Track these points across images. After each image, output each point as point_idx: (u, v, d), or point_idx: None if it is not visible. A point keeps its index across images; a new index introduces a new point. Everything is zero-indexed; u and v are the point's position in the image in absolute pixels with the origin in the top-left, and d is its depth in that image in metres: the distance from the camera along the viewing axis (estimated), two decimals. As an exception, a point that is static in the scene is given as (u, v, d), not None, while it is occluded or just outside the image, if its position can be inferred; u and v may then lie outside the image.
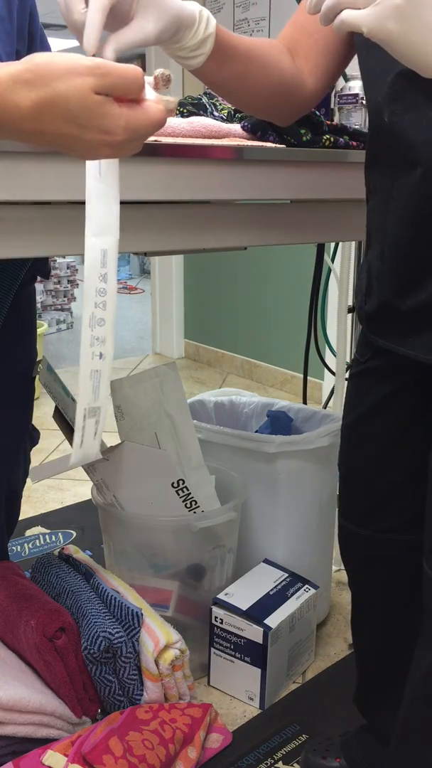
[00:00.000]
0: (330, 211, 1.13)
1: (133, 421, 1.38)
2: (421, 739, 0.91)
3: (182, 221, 0.97)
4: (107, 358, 0.60)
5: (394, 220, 0.83)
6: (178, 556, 1.39)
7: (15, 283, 1.23)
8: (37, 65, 0.56)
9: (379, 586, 1.07)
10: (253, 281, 3.42)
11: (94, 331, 0.59)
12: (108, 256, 0.61)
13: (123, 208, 0.66)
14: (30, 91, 0.56)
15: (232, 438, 1.47)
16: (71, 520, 2.10)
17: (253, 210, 1.05)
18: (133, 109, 0.60)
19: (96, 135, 0.58)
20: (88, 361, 0.59)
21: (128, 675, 1.23)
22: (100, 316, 0.60)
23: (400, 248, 0.83)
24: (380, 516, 1.02)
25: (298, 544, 1.52)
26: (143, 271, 7.09)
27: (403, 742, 0.94)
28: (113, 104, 0.58)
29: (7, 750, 1.16)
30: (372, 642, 1.12)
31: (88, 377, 0.59)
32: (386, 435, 0.99)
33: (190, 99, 1.12)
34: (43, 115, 0.56)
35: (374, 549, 1.04)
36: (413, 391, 0.94)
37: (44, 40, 1.24)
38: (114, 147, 0.60)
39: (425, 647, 0.89)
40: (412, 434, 0.96)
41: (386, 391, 0.97)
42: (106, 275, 0.61)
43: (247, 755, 1.26)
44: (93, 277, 0.61)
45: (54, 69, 0.56)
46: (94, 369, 0.60)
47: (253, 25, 2.95)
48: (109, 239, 0.62)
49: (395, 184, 0.82)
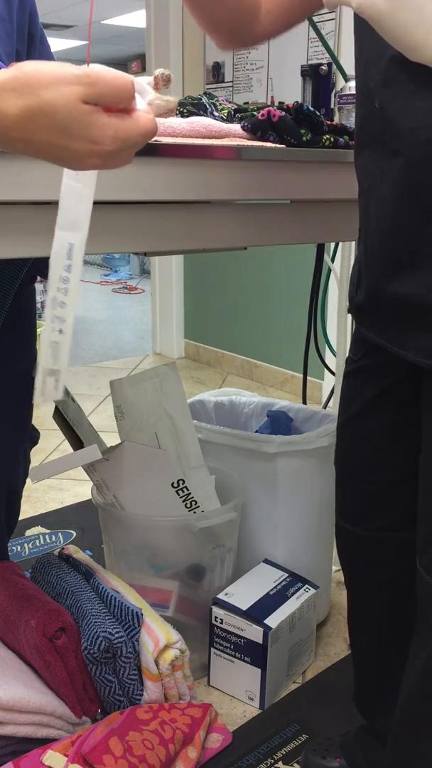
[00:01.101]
0: (330, 211, 1.13)
1: (133, 421, 1.38)
2: (417, 737, 0.91)
3: (182, 221, 0.97)
4: (66, 333, 0.67)
5: (376, 211, 0.83)
6: (178, 556, 1.39)
7: (15, 283, 1.23)
8: (25, 73, 0.56)
9: (374, 584, 1.08)
10: (253, 281, 3.42)
11: (55, 311, 0.66)
12: (74, 250, 0.65)
13: (123, 208, 0.66)
14: (17, 99, 0.55)
15: (232, 438, 1.47)
16: (71, 520, 2.10)
17: (253, 210, 1.05)
18: (123, 118, 0.59)
19: (84, 144, 0.58)
20: (48, 334, 0.68)
21: (128, 675, 1.23)
22: (61, 299, 0.66)
23: (382, 239, 0.83)
24: (374, 515, 1.03)
25: (298, 544, 1.52)
26: (143, 271, 7.09)
27: (400, 741, 0.94)
28: (101, 113, 0.57)
29: (7, 750, 1.16)
30: (368, 641, 1.12)
31: (48, 346, 0.68)
32: (378, 434, 0.99)
33: (190, 99, 1.12)
34: (30, 123, 0.56)
35: (369, 547, 1.05)
36: (404, 390, 0.94)
37: (44, 40, 1.24)
38: (102, 157, 0.59)
39: (420, 645, 0.89)
40: (404, 433, 0.96)
41: (378, 390, 0.97)
42: (70, 266, 0.65)
43: (247, 755, 1.26)
44: (58, 266, 0.65)
45: (42, 77, 0.56)
46: (53, 341, 0.68)
47: (253, 25, 2.95)
48: (77, 235, 0.65)
49: (378, 174, 0.81)
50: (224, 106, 1.12)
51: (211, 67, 3.24)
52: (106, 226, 0.89)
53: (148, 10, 3.49)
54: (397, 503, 1.00)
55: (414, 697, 0.90)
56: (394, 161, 0.77)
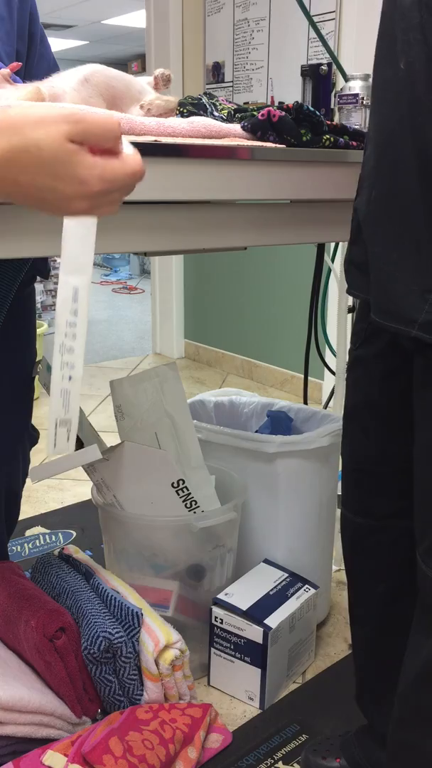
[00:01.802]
0: (330, 211, 1.13)
1: (133, 421, 1.38)
2: (420, 724, 0.92)
3: (182, 221, 0.97)
4: (76, 379, 0.66)
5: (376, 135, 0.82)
6: (178, 556, 1.39)
7: (15, 283, 1.23)
8: (10, 116, 0.55)
9: (374, 573, 1.09)
10: (253, 281, 3.42)
11: (63, 357, 0.65)
12: (79, 293, 0.65)
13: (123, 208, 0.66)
14: (1, 137, 0.54)
15: (232, 438, 1.47)
16: (71, 520, 2.10)
17: (253, 210, 1.05)
18: (110, 159, 0.58)
19: (70, 185, 0.56)
20: (58, 382, 0.66)
21: (128, 675, 1.23)
22: (69, 345, 0.65)
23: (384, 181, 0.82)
24: (375, 503, 1.04)
25: (298, 544, 1.52)
26: (143, 271, 7.09)
27: (402, 728, 0.95)
28: (87, 153, 0.56)
29: (7, 750, 1.16)
30: (368, 632, 1.13)
31: (59, 395, 0.67)
32: (378, 423, 1.01)
33: (190, 99, 1.12)
34: (15, 163, 0.55)
35: (369, 536, 1.06)
36: (401, 379, 0.95)
37: (44, 40, 1.24)
38: (89, 198, 0.58)
39: (422, 633, 0.90)
40: (402, 422, 0.97)
41: (378, 377, 0.99)
42: (76, 310, 0.65)
43: (247, 755, 1.26)
44: (64, 311, 0.65)
45: (27, 117, 0.55)
46: (64, 389, 0.67)
47: (253, 25, 2.95)
48: (81, 278, 0.64)
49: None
50: (224, 106, 1.12)
51: (211, 67, 3.24)
52: (106, 226, 0.89)
53: (148, 10, 3.49)
54: (397, 492, 1.01)
55: (419, 682, 0.91)
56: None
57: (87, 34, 7.00)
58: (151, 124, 0.93)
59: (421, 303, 0.78)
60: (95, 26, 6.66)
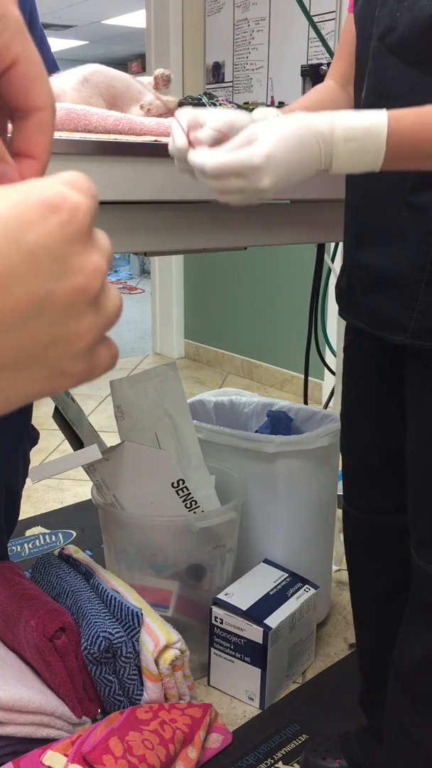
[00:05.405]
0: (330, 211, 1.13)
1: (133, 421, 1.38)
2: (418, 711, 0.94)
3: (182, 221, 0.97)
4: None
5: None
6: (178, 556, 1.39)
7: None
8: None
9: (376, 567, 1.10)
10: (253, 281, 3.42)
11: None
12: None
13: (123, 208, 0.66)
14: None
15: (232, 438, 1.47)
16: (71, 520, 2.10)
17: (253, 210, 1.04)
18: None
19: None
20: None
21: (128, 675, 1.23)
22: None
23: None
24: (375, 497, 1.06)
25: (298, 544, 1.52)
26: (143, 271, 7.09)
27: (400, 712, 0.97)
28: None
29: (7, 750, 1.16)
30: (369, 628, 1.14)
31: None
32: (371, 420, 1.03)
33: (190, 99, 1.12)
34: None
35: (371, 530, 1.07)
36: (391, 376, 0.97)
37: (44, 40, 1.24)
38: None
39: (415, 623, 0.92)
40: (394, 418, 0.99)
41: (372, 374, 1.01)
42: None
43: (247, 755, 1.26)
44: None
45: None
46: None
47: (253, 25, 2.95)
48: None
49: None
50: (224, 106, 1.12)
51: (211, 67, 3.24)
52: (106, 226, 0.89)
53: (148, 10, 3.49)
54: (401, 486, 1.01)
55: (419, 670, 0.92)
56: None
57: (87, 34, 7.00)
58: (151, 124, 0.93)
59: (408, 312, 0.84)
60: (95, 26, 6.66)
